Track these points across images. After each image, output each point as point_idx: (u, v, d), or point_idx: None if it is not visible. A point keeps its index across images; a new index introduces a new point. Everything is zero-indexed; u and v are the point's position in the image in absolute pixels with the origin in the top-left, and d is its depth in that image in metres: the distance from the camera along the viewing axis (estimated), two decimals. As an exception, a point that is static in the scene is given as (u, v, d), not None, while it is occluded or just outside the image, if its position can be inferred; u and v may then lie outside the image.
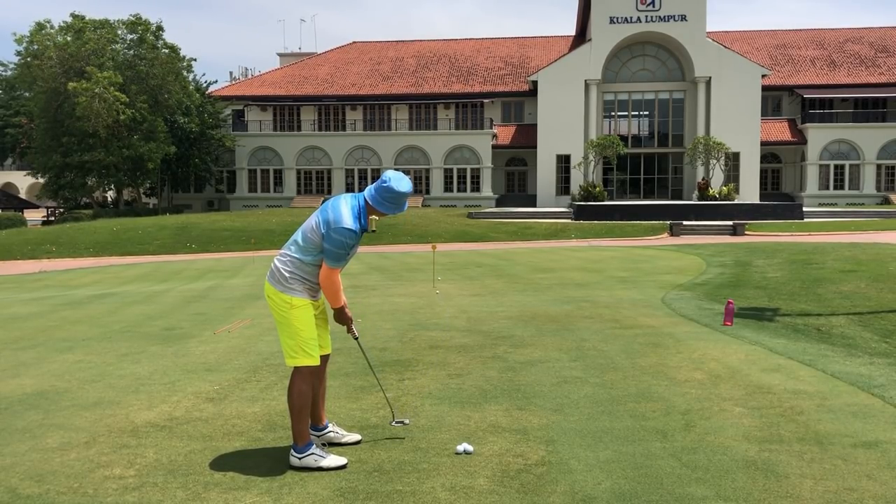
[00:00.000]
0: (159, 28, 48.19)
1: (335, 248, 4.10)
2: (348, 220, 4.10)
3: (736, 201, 41.94)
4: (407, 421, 4.92)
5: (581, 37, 56.70)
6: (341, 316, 4.41)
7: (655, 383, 5.92)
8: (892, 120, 50.57)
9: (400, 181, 4.15)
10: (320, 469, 4.14)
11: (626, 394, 5.61)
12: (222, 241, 31.85)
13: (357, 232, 4.12)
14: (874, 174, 49.71)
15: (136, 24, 47.39)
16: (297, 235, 4.26)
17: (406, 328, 8.84)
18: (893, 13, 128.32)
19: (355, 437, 4.61)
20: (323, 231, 4.11)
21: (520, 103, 54.32)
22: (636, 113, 51.00)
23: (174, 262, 25.25)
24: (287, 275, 4.21)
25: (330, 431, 4.57)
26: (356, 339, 4.73)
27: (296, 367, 4.27)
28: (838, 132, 49.77)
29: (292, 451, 4.24)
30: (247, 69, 64.99)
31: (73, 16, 46.53)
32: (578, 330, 8.50)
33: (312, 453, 4.19)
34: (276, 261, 4.28)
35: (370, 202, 4.18)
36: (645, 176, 51.21)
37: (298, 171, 53.11)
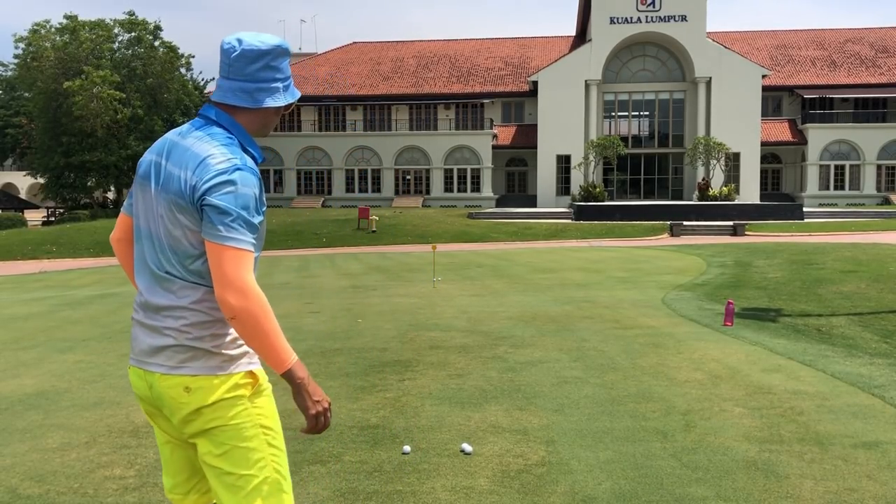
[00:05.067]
0: (157, 27, 48.17)
1: (241, 210, 2.00)
2: (231, 155, 2.06)
3: (736, 202, 41.94)
4: None
5: (581, 37, 56.70)
6: (304, 389, 2.05)
7: (656, 384, 5.92)
8: (892, 120, 50.56)
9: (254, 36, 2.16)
10: None
11: (626, 394, 5.61)
12: (222, 242, 31.79)
13: (256, 170, 2.11)
14: (874, 174, 49.70)
15: (133, 23, 47.41)
16: (160, 244, 2.10)
17: (406, 328, 8.84)
18: (893, 13, 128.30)
19: None
20: (198, 197, 2.01)
21: (520, 103, 54.31)
22: (636, 113, 51.00)
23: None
24: (209, 334, 2.09)
25: None
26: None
27: None
28: (838, 132, 49.77)
29: None
30: (247, 69, 64.92)
31: (67, 16, 46.58)
32: (579, 330, 8.50)
33: None
34: (164, 321, 2.10)
35: (233, 104, 2.14)
36: (645, 176, 51.20)
37: (298, 172, 53.11)
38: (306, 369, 2.12)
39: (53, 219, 48.91)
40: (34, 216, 54.30)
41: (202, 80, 56.54)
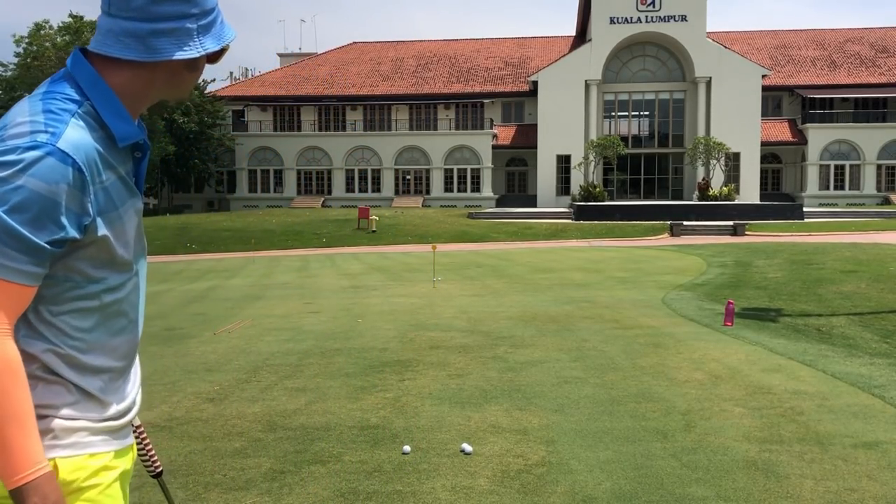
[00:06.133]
0: None
1: (6, 214, 1.26)
2: (44, 126, 1.31)
3: (736, 201, 41.95)
4: None
5: (581, 37, 56.69)
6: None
7: (656, 384, 5.91)
8: (892, 120, 50.56)
9: None
10: None
11: (626, 394, 5.61)
12: (222, 242, 31.85)
13: (86, 157, 1.33)
14: (874, 174, 49.69)
15: None
16: None
17: (406, 328, 8.84)
18: (893, 13, 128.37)
19: None
20: None
21: (520, 103, 54.31)
22: (636, 113, 51.00)
23: (174, 262, 25.24)
24: None
25: None
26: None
27: None
28: (838, 132, 49.77)
29: None
30: (247, 69, 65.02)
31: (72, 16, 46.60)
32: (579, 330, 8.50)
33: None
34: None
35: (116, 55, 1.41)
36: (645, 176, 51.21)
37: (298, 172, 53.11)
38: (58, 491, 1.26)
39: (53, 219, 48.87)
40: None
41: (202, 79, 56.58)
